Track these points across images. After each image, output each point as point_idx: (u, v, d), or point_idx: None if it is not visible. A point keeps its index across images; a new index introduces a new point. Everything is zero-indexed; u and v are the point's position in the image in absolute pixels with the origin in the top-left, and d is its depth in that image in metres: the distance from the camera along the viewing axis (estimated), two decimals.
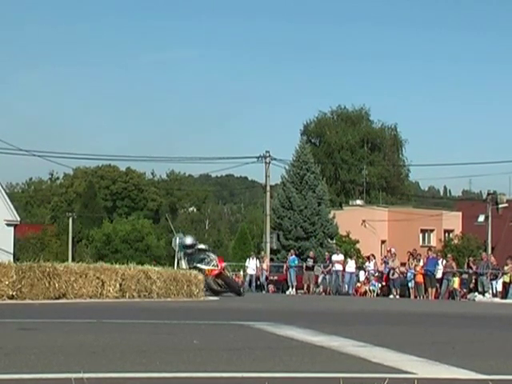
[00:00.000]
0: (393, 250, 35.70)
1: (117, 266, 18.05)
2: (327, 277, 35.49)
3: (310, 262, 36.20)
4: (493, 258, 33.71)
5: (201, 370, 4.95)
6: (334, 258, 35.63)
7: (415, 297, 31.97)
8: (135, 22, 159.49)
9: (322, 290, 35.51)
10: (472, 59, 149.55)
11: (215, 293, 21.53)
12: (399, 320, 11.97)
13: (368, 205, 65.81)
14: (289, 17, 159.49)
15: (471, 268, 32.89)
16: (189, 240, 22.95)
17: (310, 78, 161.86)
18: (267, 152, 47.62)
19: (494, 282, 31.57)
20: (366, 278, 35.78)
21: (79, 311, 12.62)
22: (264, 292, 36.77)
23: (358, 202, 66.97)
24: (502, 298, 30.26)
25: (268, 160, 47.37)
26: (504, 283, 31.05)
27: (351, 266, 35.09)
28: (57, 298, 15.85)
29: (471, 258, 35.42)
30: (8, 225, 48.66)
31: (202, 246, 23.48)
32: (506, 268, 31.30)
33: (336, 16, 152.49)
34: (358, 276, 35.91)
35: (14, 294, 15.49)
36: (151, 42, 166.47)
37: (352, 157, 79.43)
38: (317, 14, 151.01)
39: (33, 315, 10.77)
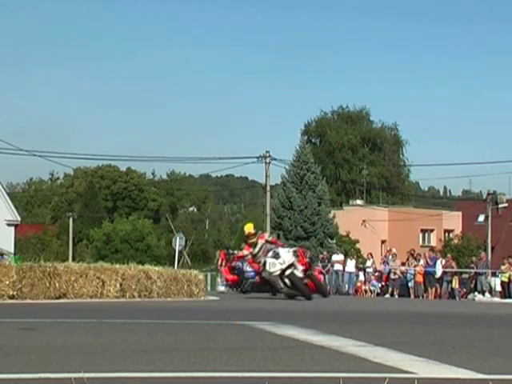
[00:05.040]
0: (393, 250, 35.75)
1: (117, 265, 18.06)
2: (327, 277, 35.51)
3: None
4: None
5: (201, 369, 4.95)
6: (334, 257, 35.65)
7: (415, 297, 31.98)
8: (135, 21, 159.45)
9: None
10: (472, 59, 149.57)
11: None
12: (399, 320, 11.97)
13: (368, 205, 65.82)
14: (289, 17, 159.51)
15: (472, 267, 32.92)
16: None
17: (310, 77, 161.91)
18: (267, 152, 47.67)
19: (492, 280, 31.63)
20: (364, 278, 35.82)
21: (79, 311, 12.62)
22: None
23: (359, 201, 66.97)
24: (502, 297, 30.25)
25: (268, 160, 47.40)
26: (502, 283, 31.07)
27: (351, 265, 35.11)
28: (57, 298, 15.86)
29: (473, 258, 35.44)
30: (8, 225, 48.72)
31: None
32: (503, 267, 31.33)
33: (336, 16, 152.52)
34: (357, 276, 35.93)
35: (15, 293, 15.51)
36: (151, 41, 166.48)
37: (353, 156, 79.49)
38: (317, 14, 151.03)
39: (33, 315, 10.78)
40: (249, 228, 20.19)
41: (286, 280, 18.96)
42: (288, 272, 18.95)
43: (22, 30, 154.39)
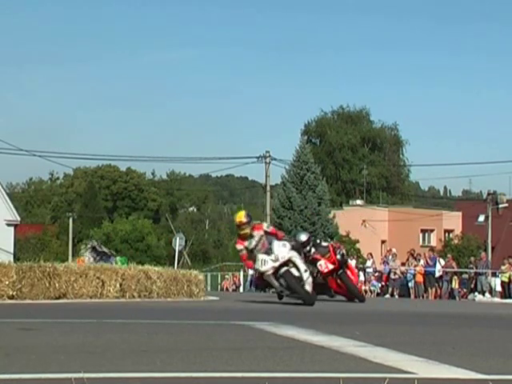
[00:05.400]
0: (393, 250, 35.77)
1: (117, 265, 18.08)
2: None
3: None
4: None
5: (201, 370, 4.94)
6: None
7: (415, 297, 31.98)
8: (135, 21, 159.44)
9: None
10: (472, 59, 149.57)
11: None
12: (399, 320, 11.97)
13: (368, 205, 65.84)
14: (289, 17, 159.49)
15: (471, 268, 32.94)
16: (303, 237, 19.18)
17: (310, 77, 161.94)
18: (267, 152, 47.73)
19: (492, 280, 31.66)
20: (364, 278, 35.81)
21: (79, 311, 12.62)
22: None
23: (359, 201, 67.01)
24: (502, 298, 30.26)
25: (268, 160, 47.44)
26: (503, 283, 31.09)
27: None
28: (57, 298, 15.86)
29: (473, 258, 35.46)
30: (8, 225, 48.69)
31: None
32: (503, 268, 31.34)
33: (336, 16, 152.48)
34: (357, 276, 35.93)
35: (14, 293, 15.50)
36: (151, 41, 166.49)
37: (353, 156, 79.56)
38: (317, 14, 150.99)
39: (33, 315, 10.77)
40: (240, 216, 16.36)
41: (282, 280, 15.90)
42: (282, 270, 15.78)
43: (22, 30, 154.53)
